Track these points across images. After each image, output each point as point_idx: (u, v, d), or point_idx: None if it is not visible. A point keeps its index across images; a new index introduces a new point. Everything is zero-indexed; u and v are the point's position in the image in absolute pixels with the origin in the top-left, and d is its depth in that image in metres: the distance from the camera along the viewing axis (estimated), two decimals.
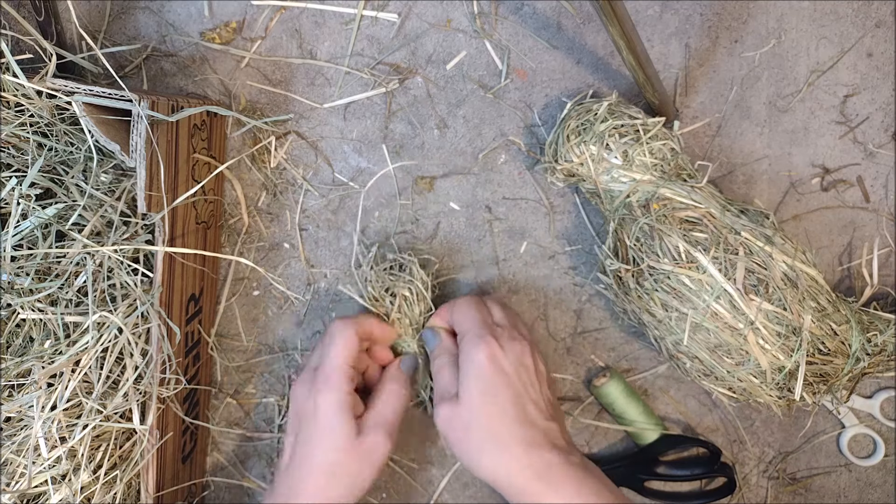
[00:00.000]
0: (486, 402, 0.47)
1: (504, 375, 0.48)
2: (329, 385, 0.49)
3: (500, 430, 0.47)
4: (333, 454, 0.48)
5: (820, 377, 0.50)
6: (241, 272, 0.60)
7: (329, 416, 0.48)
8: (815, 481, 0.61)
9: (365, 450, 0.49)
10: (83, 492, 0.48)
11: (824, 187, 0.59)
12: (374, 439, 0.49)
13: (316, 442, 0.49)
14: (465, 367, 0.49)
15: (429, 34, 0.58)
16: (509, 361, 0.48)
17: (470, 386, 0.48)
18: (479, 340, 0.49)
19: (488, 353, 0.48)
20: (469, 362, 0.48)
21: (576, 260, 0.60)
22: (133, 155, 0.45)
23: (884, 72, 0.58)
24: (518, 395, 0.48)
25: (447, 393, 0.49)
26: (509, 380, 0.48)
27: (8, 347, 0.49)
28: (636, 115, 0.53)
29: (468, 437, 0.47)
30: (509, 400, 0.47)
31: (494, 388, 0.47)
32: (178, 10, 0.58)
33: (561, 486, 0.45)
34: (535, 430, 0.47)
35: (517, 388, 0.48)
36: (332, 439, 0.48)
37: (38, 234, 0.49)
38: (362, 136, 0.59)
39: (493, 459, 0.46)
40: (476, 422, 0.47)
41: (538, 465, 0.46)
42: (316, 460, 0.48)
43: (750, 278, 0.48)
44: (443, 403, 0.49)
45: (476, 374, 0.48)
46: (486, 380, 0.47)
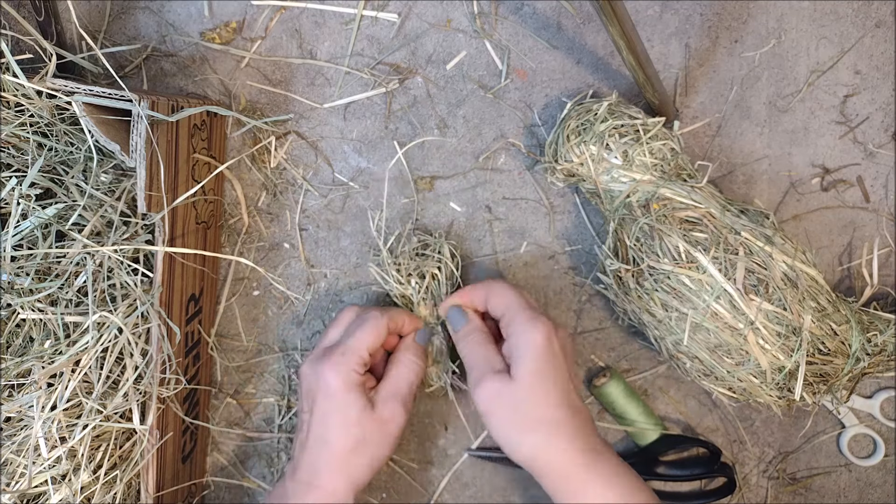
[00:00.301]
0: (541, 382, 0.46)
1: (558, 358, 0.47)
2: (340, 363, 0.49)
3: (552, 413, 0.46)
4: (351, 429, 0.49)
5: (820, 377, 0.50)
6: (241, 272, 0.60)
7: (339, 394, 0.49)
8: (815, 481, 0.61)
9: (381, 422, 0.49)
10: (83, 492, 0.48)
11: (824, 187, 0.59)
12: (390, 410, 0.50)
13: (332, 419, 0.49)
14: (521, 346, 0.47)
15: (429, 34, 0.58)
16: (561, 344, 0.48)
17: (526, 365, 0.47)
18: (535, 320, 0.48)
19: (546, 334, 0.47)
20: (526, 341, 0.47)
21: (576, 260, 0.60)
22: (133, 155, 0.45)
23: (884, 72, 0.58)
24: (568, 379, 0.48)
25: (490, 368, 0.48)
26: (561, 363, 0.47)
27: (8, 347, 0.49)
28: (636, 115, 0.53)
29: (518, 416, 0.46)
30: (561, 383, 0.47)
31: (549, 369, 0.47)
32: (178, 10, 0.58)
33: (607, 476, 0.45)
34: (582, 415, 0.47)
35: (567, 372, 0.48)
36: (347, 414, 0.49)
37: (38, 234, 0.49)
38: (362, 136, 0.59)
39: (543, 440, 0.46)
40: (528, 401, 0.46)
41: (588, 450, 0.46)
42: (333, 436, 0.49)
43: (750, 278, 0.48)
44: (487, 379, 0.48)
45: (533, 353, 0.47)
46: (543, 360, 0.47)
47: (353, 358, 0.50)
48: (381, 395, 0.50)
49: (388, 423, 0.50)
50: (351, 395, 0.49)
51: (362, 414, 0.49)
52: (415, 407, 0.61)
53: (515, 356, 0.48)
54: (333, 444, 0.49)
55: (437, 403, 0.61)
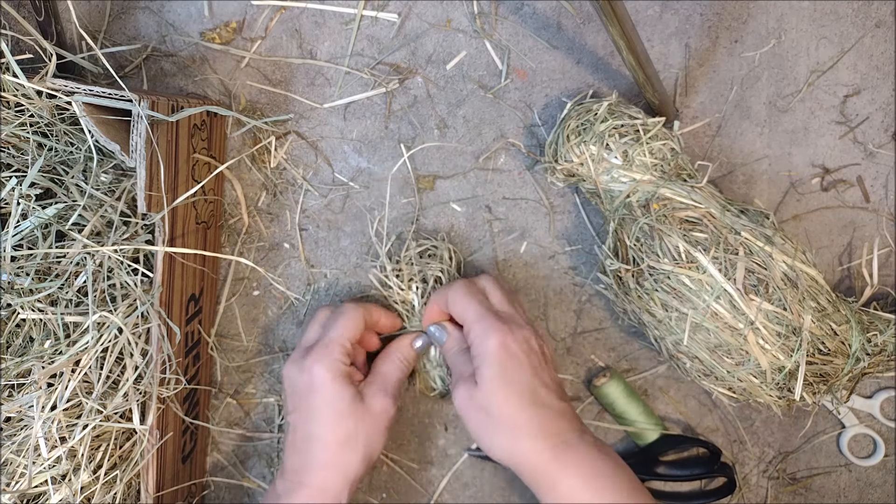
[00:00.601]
0: (501, 386, 0.47)
1: (516, 360, 0.48)
2: (324, 355, 0.50)
3: (515, 414, 0.47)
4: (341, 422, 0.49)
5: (820, 377, 0.50)
6: (241, 272, 0.60)
7: (327, 386, 0.49)
8: (815, 481, 0.61)
9: (371, 415, 0.50)
10: (83, 492, 0.48)
11: (824, 187, 0.59)
12: (380, 403, 0.50)
13: (321, 413, 0.49)
14: (479, 355, 0.49)
15: (429, 34, 0.58)
16: (519, 346, 0.48)
17: (485, 372, 0.48)
18: (488, 328, 0.49)
19: (499, 340, 0.48)
20: (482, 351, 0.49)
21: (576, 260, 0.60)
22: (133, 155, 0.45)
23: (884, 72, 0.58)
24: (530, 378, 0.48)
25: (463, 375, 0.50)
26: (521, 364, 0.48)
27: (8, 347, 0.49)
28: (636, 115, 0.53)
29: (486, 419, 0.48)
30: (523, 383, 0.48)
31: (507, 372, 0.48)
32: (178, 10, 0.58)
33: (576, 467, 0.46)
34: (548, 412, 0.47)
35: (529, 371, 0.48)
36: (336, 406, 0.49)
37: (38, 234, 0.49)
38: (362, 136, 0.59)
39: (509, 441, 0.47)
40: (492, 405, 0.47)
41: (553, 445, 0.46)
42: (322, 431, 0.49)
43: (750, 278, 0.48)
44: (460, 385, 0.49)
45: (490, 360, 0.48)
46: (499, 365, 0.48)
47: (336, 349, 0.50)
48: (371, 388, 0.51)
49: (379, 416, 0.50)
50: (339, 386, 0.49)
51: (352, 405, 0.49)
52: (414, 407, 0.61)
53: (476, 364, 0.49)
54: (323, 438, 0.49)
55: (438, 403, 0.61)
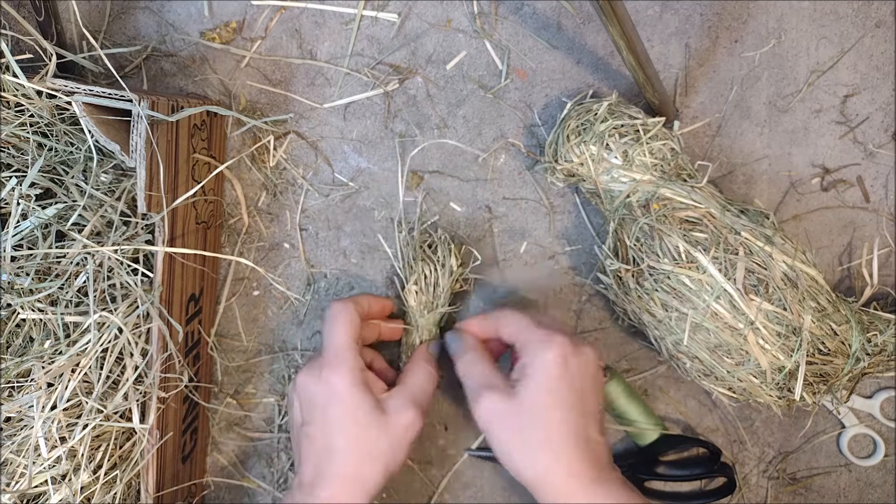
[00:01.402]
0: (550, 405, 0.44)
1: (571, 380, 0.44)
2: (339, 361, 0.48)
3: (555, 437, 0.43)
4: (361, 434, 0.46)
5: (820, 377, 0.50)
6: (241, 272, 0.60)
7: (346, 396, 0.47)
8: (815, 481, 0.61)
9: (394, 427, 0.47)
10: (83, 492, 0.48)
11: (824, 187, 0.59)
12: (405, 416, 0.47)
13: (340, 425, 0.46)
14: (532, 364, 0.45)
15: (429, 34, 0.58)
16: (578, 366, 0.45)
17: (535, 385, 0.44)
18: (549, 340, 0.45)
19: (560, 354, 0.44)
20: (538, 361, 0.45)
21: (576, 260, 0.60)
22: (133, 155, 0.45)
23: (884, 72, 0.58)
24: (581, 403, 0.44)
25: (490, 383, 0.46)
26: (575, 386, 0.44)
27: (8, 347, 0.49)
28: (636, 115, 0.53)
29: (522, 437, 0.44)
30: (573, 408, 0.44)
31: (559, 391, 0.44)
32: (178, 10, 0.58)
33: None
34: (589, 444, 0.44)
35: (581, 396, 0.44)
36: (356, 417, 0.46)
37: (38, 234, 0.49)
38: (362, 136, 0.59)
39: (545, 467, 0.44)
40: (534, 424, 0.44)
41: (589, 481, 0.43)
42: (342, 443, 0.46)
43: (750, 278, 0.48)
44: (487, 394, 0.45)
45: (544, 373, 0.44)
46: (553, 381, 0.44)
47: (348, 355, 0.48)
48: (397, 399, 0.48)
49: (404, 429, 0.47)
50: (358, 395, 0.47)
51: (372, 415, 0.47)
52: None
53: (525, 375, 0.45)
54: (343, 451, 0.46)
55: (438, 403, 0.61)
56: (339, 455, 0.46)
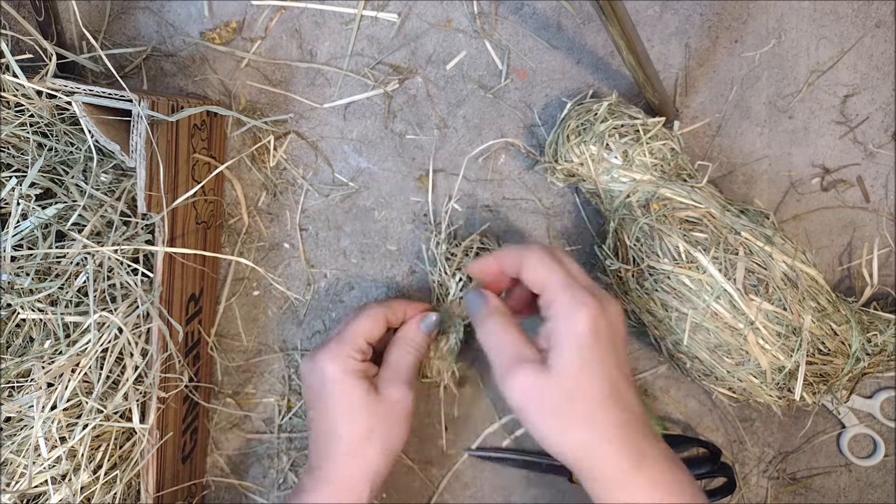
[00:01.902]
0: (585, 376, 0.41)
1: (604, 346, 0.42)
2: (336, 352, 0.49)
3: (598, 412, 0.41)
4: (356, 416, 0.48)
5: (820, 377, 0.50)
6: (241, 272, 0.60)
7: (338, 382, 0.48)
8: (815, 481, 0.61)
9: (387, 405, 0.48)
10: (83, 492, 0.48)
11: (824, 187, 0.59)
12: (396, 392, 0.49)
13: (336, 408, 0.48)
14: (561, 332, 0.42)
15: (429, 34, 0.58)
16: (609, 328, 0.42)
17: (569, 356, 0.41)
18: (578, 303, 0.42)
19: (590, 319, 0.41)
20: (567, 328, 0.42)
21: (576, 260, 0.59)
22: (133, 155, 0.45)
23: (884, 72, 0.58)
24: (616, 369, 0.42)
25: (520, 357, 0.43)
26: (608, 351, 0.42)
27: (8, 347, 0.49)
28: (636, 115, 0.53)
29: (559, 412, 0.41)
30: (608, 376, 0.41)
31: (594, 361, 0.41)
32: (178, 10, 0.58)
33: (654, 483, 0.41)
34: (631, 415, 0.42)
35: (615, 361, 0.42)
36: (350, 401, 0.48)
37: (38, 234, 0.49)
38: (362, 136, 0.59)
39: (586, 441, 0.41)
40: (571, 397, 0.41)
41: (634, 456, 0.41)
42: (340, 426, 0.48)
43: (750, 278, 0.48)
44: (521, 369, 0.42)
45: (576, 343, 0.41)
46: (587, 350, 0.41)
47: (347, 346, 0.49)
48: (383, 379, 0.49)
49: (396, 405, 0.48)
50: (351, 381, 0.48)
51: (366, 398, 0.48)
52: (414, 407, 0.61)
53: (555, 344, 0.42)
54: (342, 434, 0.48)
55: (438, 403, 0.61)
56: (338, 438, 0.48)
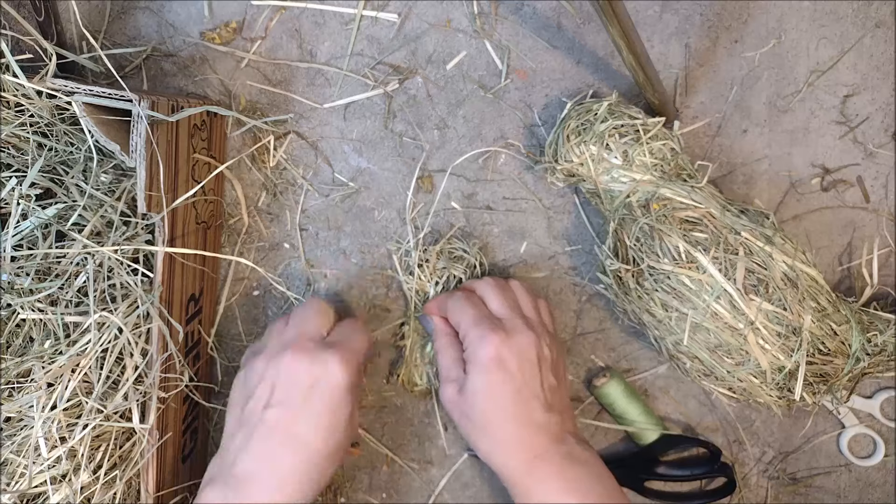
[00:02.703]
0: (485, 400, 0.48)
1: (506, 373, 0.48)
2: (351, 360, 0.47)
3: (495, 428, 0.48)
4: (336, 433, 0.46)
5: (820, 377, 0.50)
6: (241, 272, 0.60)
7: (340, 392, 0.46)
8: (815, 481, 0.61)
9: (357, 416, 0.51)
10: (83, 492, 0.48)
11: (824, 187, 0.59)
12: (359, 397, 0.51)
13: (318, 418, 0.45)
14: (470, 362, 0.49)
15: (429, 34, 0.58)
16: (513, 357, 0.48)
17: (473, 382, 0.48)
18: (483, 336, 0.48)
19: (492, 354, 0.48)
20: (473, 359, 0.49)
21: (576, 260, 0.60)
22: (133, 155, 0.45)
23: (884, 72, 0.58)
24: (519, 391, 0.48)
25: (449, 375, 0.50)
26: (512, 377, 0.48)
27: (8, 347, 0.49)
28: (636, 115, 0.53)
29: (469, 424, 0.49)
30: (509, 398, 0.48)
31: (494, 387, 0.48)
32: (178, 10, 0.58)
33: (548, 480, 0.47)
34: (529, 428, 0.48)
35: (518, 385, 0.48)
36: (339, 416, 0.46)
37: (38, 235, 0.49)
38: (362, 136, 0.59)
39: (488, 450, 0.49)
40: (476, 415, 0.48)
41: (527, 460, 0.47)
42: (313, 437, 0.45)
43: (750, 278, 0.48)
44: (447, 385, 0.50)
45: (478, 371, 0.48)
46: (488, 378, 0.48)
47: (358, 360, 0.48)
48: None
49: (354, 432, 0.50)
50: (350, 397, 0.47)
51: (349, 419, 0.47)
52: (414, 407, 0.61)
53: (468, 370, 0.49)
54: (312, 447, 0.45)
55: (437, 404, 0.61)
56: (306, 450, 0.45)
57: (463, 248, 0.58)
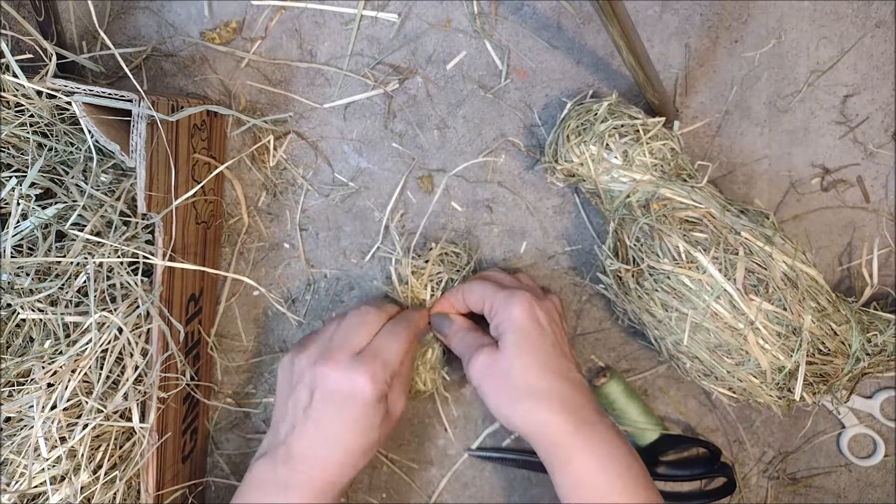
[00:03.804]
0: (526, 351, 0.48)
1: (540, 327, 0.49)
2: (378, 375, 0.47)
3: (538, 382, 0.47)
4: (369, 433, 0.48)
5: (820, 377, 0.50)
6: (241, 272, 0.60)
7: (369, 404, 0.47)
8: (815, 481, 0.61)
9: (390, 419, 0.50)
10: (83, 492, 0.48)
11: (824, 187, 0.59)
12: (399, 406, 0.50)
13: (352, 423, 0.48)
14: (503, 321, 0.49)
15: (429, 34, 0.58)
16: (543, 313, 0.49)
17: (509, 338, 0.48)
18: (511, 297, 0.49)
19: (524, 306, 0.49)
20: (507, 318, 0.49)
21: (576, 260, 0.60)
22: (133, 155, 0.45)
23: (884, 72, 0.58)
24: (554, 346, 0.49)
25: (481, 344, 0.50)
26: (545, 331, 0.49)
27: (8, 347, 0.49)
28: (636, 115, 0.53)
29: (506, 385, 0.48)
30: (547, 351, 0.48)
31: (532, 339, 0.48)
32: (178, 10, 0.58)
33: (594, 446, 0.46)
34: (570, 384, 0.48)
35: (552, 340, 0.49)
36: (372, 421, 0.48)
37: (38, 235, 0.49)
38: (362, 136, 0.59)
39: (531, 410, 0.47)
40: (516, 370, 0.48)
41: (575, 420, 0.46)
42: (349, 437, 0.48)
43: (750, 278, 0.48)
44: (479, 352, 0.49)
45: (515, 326, 0.48)
46: (524, 331, 0.48)
47: (389, 371, 0.48)
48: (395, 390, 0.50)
49: (396, 419, 0.51)
50: (379, 405, 0.48)
51: (382, 418, 0.49)
52: (414, 407, 0.61)
53: (500, 332, 0.49)
54: (348, 444, 0.48)
55: (437, 404, 0.61)
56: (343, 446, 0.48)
57: (455, 251, 0.57)
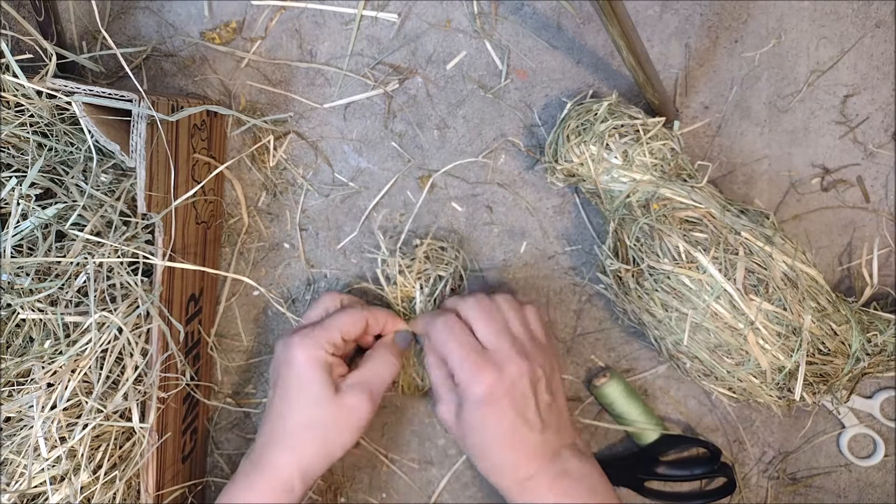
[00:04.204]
0: (481, 432, 0.48)
1: (499, 408, 0.48)
2: (310, 340, 0.50)
3: (490, 454, 0.49)
4: (308, 406, 0.49)
5: (820, 377, 0.50)
6: (241, 272, 0.60)
7: (302, 369, 0.49)
8: (815, 481, 0.61)
9: (344, 409, 0.49)
10: (83, 492, 0.48)
11: (824, 187, 0.59)
12: (353, 399, 0.50)
13: (291, 393, 0.50)
14: (462, 394, 0.49)
15: (429, 34, 0.58)
16: (505, 393, 0.48)
17: (466, 414, 0.49)
18: (473, 377, 0.48)
19: (485, 392, 0.48)
20: (466, 395, 0.48)
21: (576, 260, 0.60)
22: (133, 155, 0.45)
23: (884, 72, 0.58)
24: (512, 422, 0.48)
25: (443, 396, 0.51)
26: (504, 413, 0.48)
27: (8, 347, 0.49)
28: (636, 115, 0.53)
29: (464, 445, 0.50)
30: (502, 431, 0.48)
31: (488, 420, 0.48)
32: (178, 10, 0.58)
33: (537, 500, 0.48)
34: (522, 453, 0.49)
35: (511, 417, 0.48)
36: (308, 391, 0.49)
37: (38, 235, 0.49)
38: (362, 136, 0.59)
39: (484, 470, 0.51)
40: (469, 443, 0.50)
41: (520, 481, 0.49)
42: (288, 411, 0.50)
43: (750, 278, 0.48)
44: (441, 405, 0.51)
45: (471, 407, 0.48)
46: (481, 413, 0.48)
47: (323, 336, 0.50)
48: (349, 382, 0.51)
49: (351, 412, 0.50)
50: (314, 373, 0.49)
51: (322, 394, 0.49)
52: (414, 407, 0.61)
53: (460, 398, 0.49)
54: (288, 419, 0.49)
55: None
56: (285, 422, 0.50)
57: (441, 246, 0.57)
